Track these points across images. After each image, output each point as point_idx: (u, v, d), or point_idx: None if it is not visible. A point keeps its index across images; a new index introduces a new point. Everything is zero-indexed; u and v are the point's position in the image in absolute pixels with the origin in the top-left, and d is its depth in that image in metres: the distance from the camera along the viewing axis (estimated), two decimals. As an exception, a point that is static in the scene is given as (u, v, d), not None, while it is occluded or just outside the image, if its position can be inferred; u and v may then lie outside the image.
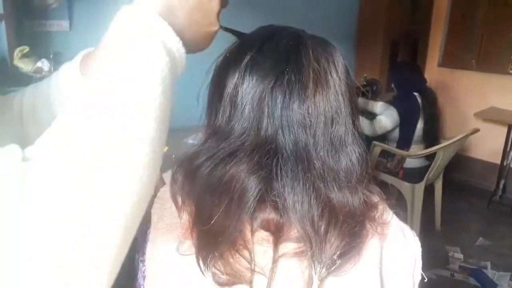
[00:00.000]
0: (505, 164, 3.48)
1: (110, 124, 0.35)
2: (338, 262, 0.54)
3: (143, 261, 0.62)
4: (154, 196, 0.62)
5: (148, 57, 0.37)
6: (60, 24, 2.06)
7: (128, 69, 0.36)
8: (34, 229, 0.31)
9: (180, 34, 0.41)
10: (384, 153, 2.87)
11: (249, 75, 0.56)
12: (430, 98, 2.88)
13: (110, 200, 0.34)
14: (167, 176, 0.63)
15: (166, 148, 1.21)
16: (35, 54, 1.84)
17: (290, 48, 0.57)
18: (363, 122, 2.85)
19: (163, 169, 0.84)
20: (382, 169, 2.80)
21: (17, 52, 1.78)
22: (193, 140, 0.60)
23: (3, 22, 1.78)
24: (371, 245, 0.59)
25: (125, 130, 0.35)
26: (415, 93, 2.80)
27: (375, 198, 0.63)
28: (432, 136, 2.87)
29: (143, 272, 0.61)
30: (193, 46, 0.46)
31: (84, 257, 0.33)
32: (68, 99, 0.38)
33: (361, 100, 2.94)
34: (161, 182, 0.75)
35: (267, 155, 0.55)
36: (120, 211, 0.35)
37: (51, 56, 1.90)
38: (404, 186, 2.70)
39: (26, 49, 1.79)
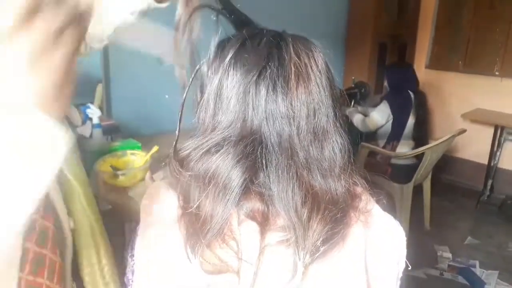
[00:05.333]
0: (492, 164, 3.53)
1: None
2: (322, 248, 0.56)
3: (132, 256, 0.63)
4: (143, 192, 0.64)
5: None
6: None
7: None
8: None
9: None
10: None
11: (233, 70, 0.58)
12: (422, 98, 3.00)
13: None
14: (157, 176, 0.65)
15: (156, 148, 1.21)
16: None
17: (272, 44, 0.59)
18: (356, 118, 2.91)
19: (152, 169, 0.86)
20: (370, 168, 2.83)
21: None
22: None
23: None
24: (355, 233, 0.61)
25: None
26: (409, 91, 2.90)
27: (359, 189, 0.65)
28: (421, 134, 2.96)
29: (132, 266, 0.63)
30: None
31: None
32: None
33: (352, 110, 3.00)
34: (150, 180, 0.77)
35: (251, 145, 0.57)
36: None
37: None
38: (393, 187, 2.73)
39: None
